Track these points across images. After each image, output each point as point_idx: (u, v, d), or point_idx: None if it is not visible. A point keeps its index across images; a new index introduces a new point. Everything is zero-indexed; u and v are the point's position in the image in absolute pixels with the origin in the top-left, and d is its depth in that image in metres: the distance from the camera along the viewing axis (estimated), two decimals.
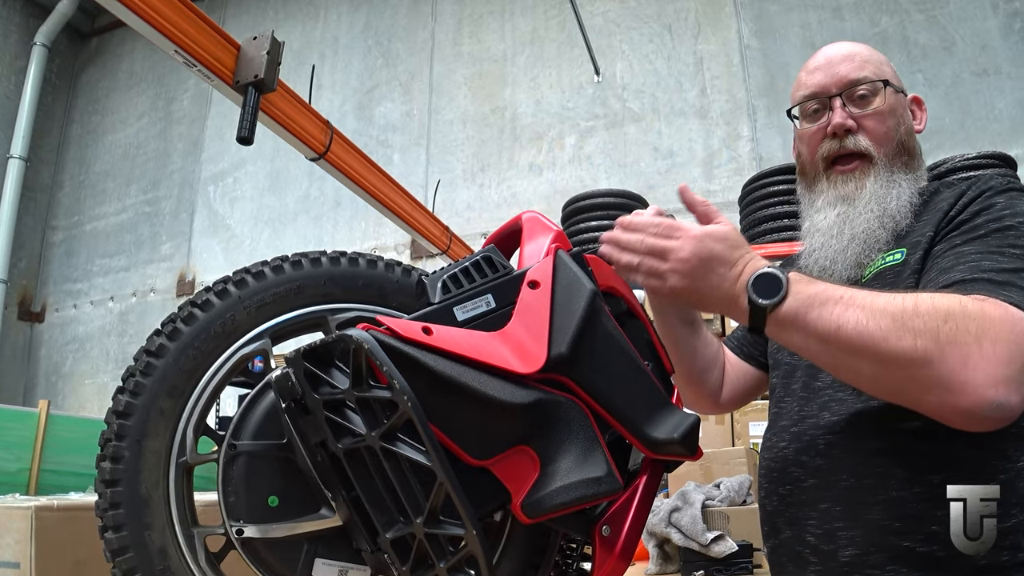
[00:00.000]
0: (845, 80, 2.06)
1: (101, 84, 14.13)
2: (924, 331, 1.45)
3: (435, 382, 1.35)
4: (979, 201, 1.80)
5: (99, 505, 1.49)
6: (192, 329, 1.57)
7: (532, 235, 1.73)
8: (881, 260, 1.93)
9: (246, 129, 3.29)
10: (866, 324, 1.50)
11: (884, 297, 1.54)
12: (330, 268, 1.72)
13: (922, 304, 1.49)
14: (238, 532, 1.47)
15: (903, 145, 2.04)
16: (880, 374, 1.53)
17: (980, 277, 1.60)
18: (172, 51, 3.16)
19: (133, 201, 13.03)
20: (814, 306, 1.56)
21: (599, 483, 1.41)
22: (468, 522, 1.31)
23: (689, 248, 1.68)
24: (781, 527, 1.97)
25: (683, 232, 1.70)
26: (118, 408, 1.50)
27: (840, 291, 1.58)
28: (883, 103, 2.04)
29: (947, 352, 1.43)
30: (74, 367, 12.75)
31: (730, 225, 1.73)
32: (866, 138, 2.03)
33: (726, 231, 1.70)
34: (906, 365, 1.46)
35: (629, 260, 1.75)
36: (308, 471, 1.47)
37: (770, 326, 1.61)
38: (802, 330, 1.57)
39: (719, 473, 4.90)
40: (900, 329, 1.46)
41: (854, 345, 1.51)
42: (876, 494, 1.76)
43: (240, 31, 3.52)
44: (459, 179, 10.57)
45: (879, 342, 1.48)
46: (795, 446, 1.96)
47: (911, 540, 1.69)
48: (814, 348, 1.59)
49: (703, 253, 1.67)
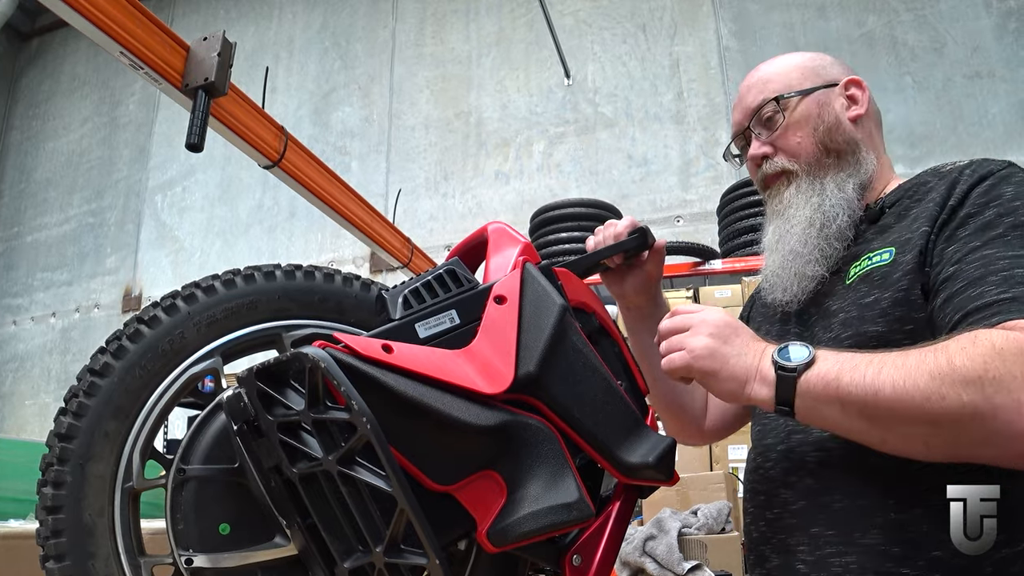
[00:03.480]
0: (750, 110, 2.16)
1: (42, 87, 14.05)
2: (964, 383, 1.42)
3: (396, 403, 1.35)
4: (983, 190, 1.75)
5: (40, 533, 1.48)
6: (138, 347, 1.57)
7: (498, 247, 1.73)
8: (867, 260, 1.90)
9: (196, 135, 3.28)
10: (903, 385, 1.47)
11: (914, 355, 1.51)
12: (285, 282, 1.72)
13: (957, 354, 1.45)
14: (187, 562, 1.47)
15: (825, 146, 2.07)
16: (931, 439, 1.49)
17: (1014, 295, 1.54)
18: (117, 52, 3.15)
19: (76, 211, 12.95)
20: (845, 371, 1.55)
21: (569, 510, 1.41)
22: (431, 551, 1.30)
23: (714, 314, 1.75)
24: (768, 555, 1.93)
25: (703, 308, 1.79)
26: (60, 431, 1.50)
27: (866, 355, 1.57)
28: (787, 117, 2.10)
29: (997, 403, 1.39)
30: (14, 387, 12.65)
31: None
32: (782, 157, 2.11)
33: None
34: (956, 424, 1.44)
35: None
36: (261, 497, 1.47)
37: (801, 398, 1.59)
38: (837, 399, 1.55)
39: (696, 499, 4.92)
40: (941, 386, 1.43)
41: (896, 411, 1.48)
42: (873, 516, 1.71)
43: (190, 31, 3.51)
44: (421, 188, 10.56)
45: (922, 403, 1.45)
46: (783, 466, 1.93)
47: (911, 567, 1.65)
48: (855, 422, 1.56)
49: (729, 319, 1.75)
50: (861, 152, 2.08)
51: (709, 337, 1.70)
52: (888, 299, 1.79)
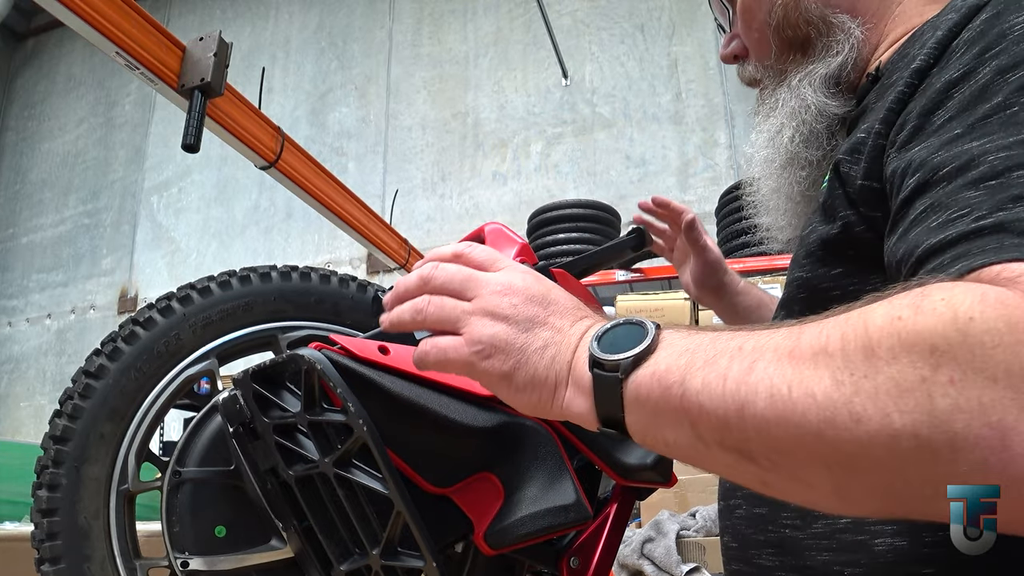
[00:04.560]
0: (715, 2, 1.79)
1: (38, 88, 14.02)
2: (897, 392, 0.73)
3: (392, 405, 1.34)
4: (977, 28, 1.08)
5: (35, 536, 1.48)
6: (134, 349, 1.57)
7: (495, 248, 1.73)
8: (832, 169, 1.32)
9: (192, 136, 3.28)
10: (788, 394, 0.80)
11: (811, 331, 0.84)
12: (281, 284, 1.72)
13: (876, 333, 0.77)
14: (183, 564, 1.46)
15: (783, 38, 1.58)
16: (842, 483, 0.80)
17: (1001, 219, 0.86)
18: (113, 53, 3.15)
19: (72, 212, 12.92)
20: (696, 366, 0.90)
21: (567, 512, 1.40)
22: (427, 554, 1.30)
23: (513, 273, 1.13)
24: (726, 551, 1.73)
25: (491, 253, 1.20)
26: (55, 433, 1.50)
27: (740, 334, 0.91)
28: (738, 1, 1.66)
29: (959, 427, 0.70)
30: (9, 388, 12.62)
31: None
32: (753, 60, 1.69)
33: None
34: (886, 463, 0.75)
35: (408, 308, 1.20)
36: (257, 499, 1.46)
37: (632, 412, 0.96)
38: (683, 415, 0.91)
39: (695, 501, 4.91)
40: (853, 397, 0.76)
41: (775, 438, 0.82)
42: (766, 530, 1.43)
43: (186, 31, 3.50)
44: (418, 189, 10.54)
45: (820, 428, 0.77)
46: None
47: None
48: (717, 453, 0.92)
49: (533, 280, 1.12)
50: (834, 27, 1.51)
51: (501, 320, 1.06)
52: (821, 233, 1.31)
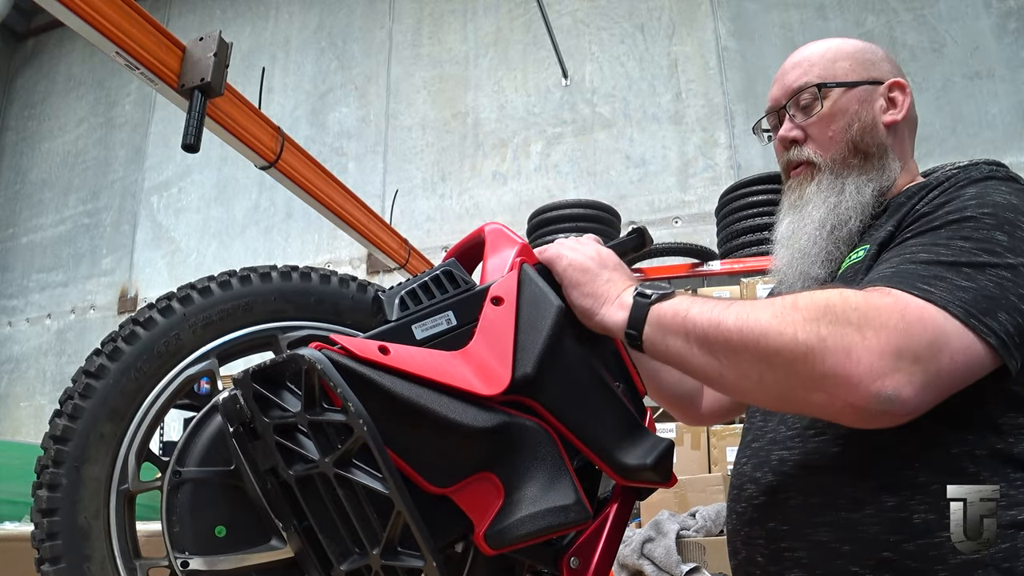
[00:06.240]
0: (790, 90, 2.12)
1: (38, 88, 14.03)
2: (803, 323, 1.43)
3: (392, 405, 1.35)
4: (945, 190, 1.76)
5: (35, 535, 1.48)
6: (134, 349, 1.57)
7: (495, 248, 1.73)
8: (848, 260, 1.91)
9: (192, 136, 3.28)
10: (745, 319, 1.49)
11: (769, 299, 1.58)
12: (281, 284, 1.72)
13: (802, 298, 1.49)
14: (183, 564, 1.46)
15: (855, 146, 2.02)
16: (765, 375, 1.48)
17: (902, 270, 1.57)
18: (113, 52, 3.15)
19: (72, 212, 12.94)
20: (697, 304, 1.58)
21: (567, 512, 1.41)
22: (428, 554, 1.30)
23: (610, 253, 1.79)
24: (738, 548, 1.97)
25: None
26: (56, 432, 1.50)
27: (723, 301, 1.60)
28: (825, 107, 2.05)
29: (828, 343, 1.40)
30: (9, 388, 12.63)
31: None
32: (811, 146, 2.07)
33: None
34: (788, 361, 1.43)
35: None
36: (257, 499, 1.46)
37: (651, 326, 1.60)
38: (682, 329, 1.56)
39: (695, 501, 4.92)
40: (780, 323, 1.45)
41: (734, 342, 1.49)
42: (824, 514, 1.73)
43: (186, 31, 3.50)
44: (418, 189, 10.56)
45: (759, 337, 1.46)
46: (752, 462, 1.97)
47: (860, 566, 1.65)
48: (696, 354, 1.56)
49: (620, 261, 1.79)
50: (888, 158, 2.03)
51: (589, 259, 1.71)
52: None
